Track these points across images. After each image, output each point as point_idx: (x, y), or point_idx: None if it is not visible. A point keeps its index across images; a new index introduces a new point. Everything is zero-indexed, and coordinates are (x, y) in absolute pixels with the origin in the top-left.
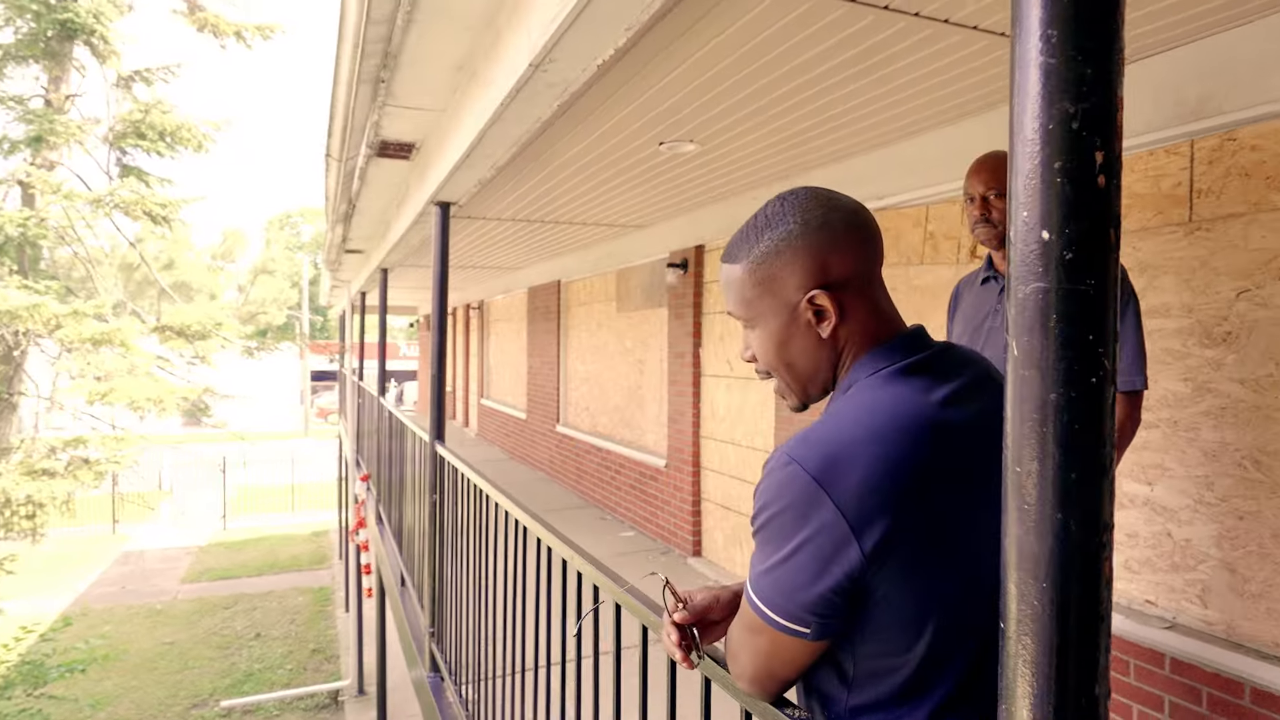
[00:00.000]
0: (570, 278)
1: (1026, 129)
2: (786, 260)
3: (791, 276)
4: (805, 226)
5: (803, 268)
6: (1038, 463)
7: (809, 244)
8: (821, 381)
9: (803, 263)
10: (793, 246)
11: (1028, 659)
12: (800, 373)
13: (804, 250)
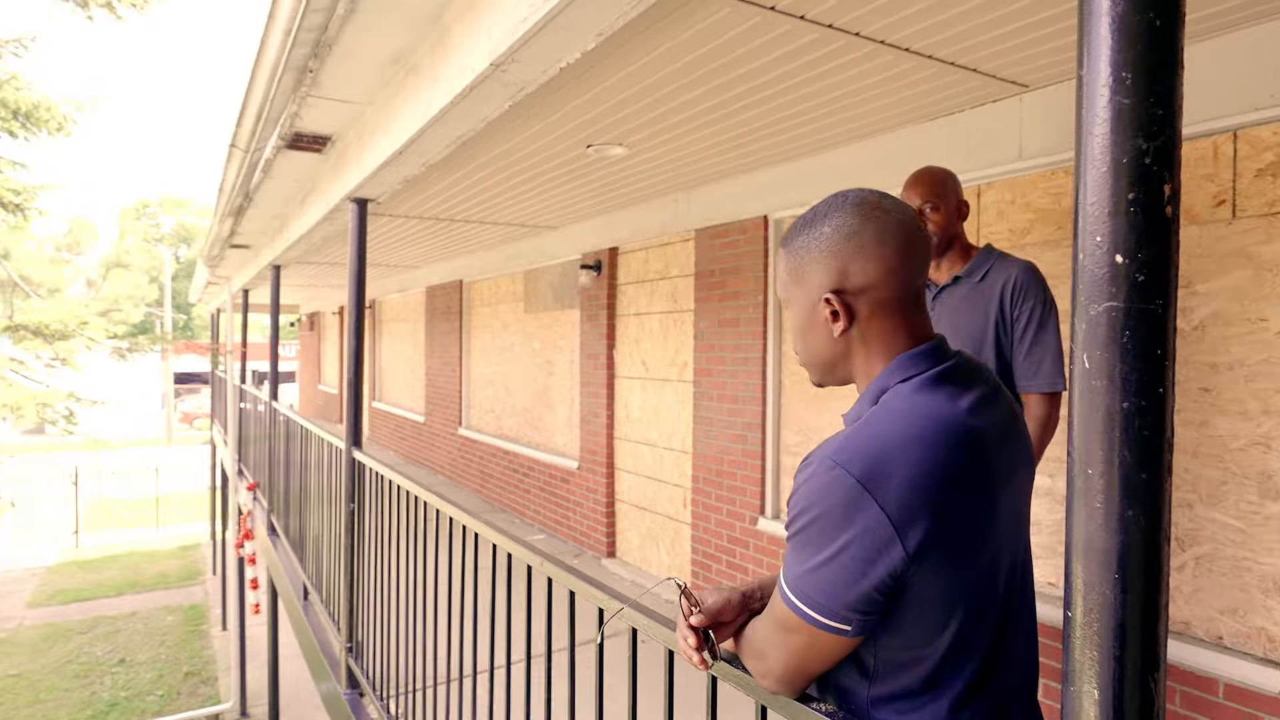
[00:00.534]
0: (474, 277)
1: (1098, 162)
2: (814, 259)
3: (815, 275)
4: (836, 232)
5: (824, 269)
6: (1107, 465)
7: (835, 249)
8: (838, 374)
9: (825, 264)
10: (820, 248)
11: (1096, 643)
12: (814, 359)
13: (829, 254)
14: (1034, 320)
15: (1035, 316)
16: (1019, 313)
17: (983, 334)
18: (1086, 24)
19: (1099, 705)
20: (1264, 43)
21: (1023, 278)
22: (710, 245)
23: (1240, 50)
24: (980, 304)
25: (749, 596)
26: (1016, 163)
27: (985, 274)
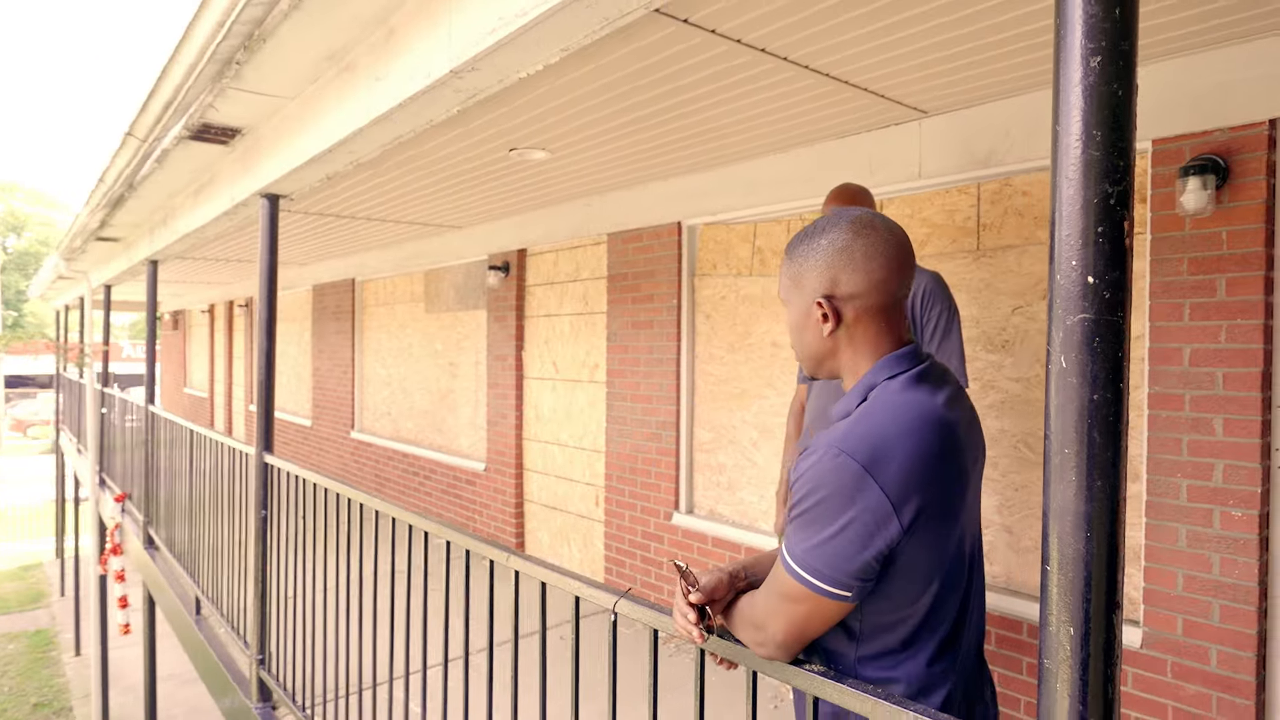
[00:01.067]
0: (369, 276)
1: (1072, 202)
2: (811, 266)
3: (811, 280)
4: (831, 245)
5: (819, 276)
6: (1079, 445)
7: (829, 260)
8: (826, 369)
9: (820, 272)
10: (817, 257)
11: (1069, 588)
12: (807, 355)
13: (824, 263)
14: (941, 324)
15: (942, 321)
16: (928, 317)
17: None
18: (1062, 90)
19: (1072, 638)
20: None
21: (931, 285)
22: (623, 249)
23: None
24: None
25: (735, 576)
26: (916, 181)
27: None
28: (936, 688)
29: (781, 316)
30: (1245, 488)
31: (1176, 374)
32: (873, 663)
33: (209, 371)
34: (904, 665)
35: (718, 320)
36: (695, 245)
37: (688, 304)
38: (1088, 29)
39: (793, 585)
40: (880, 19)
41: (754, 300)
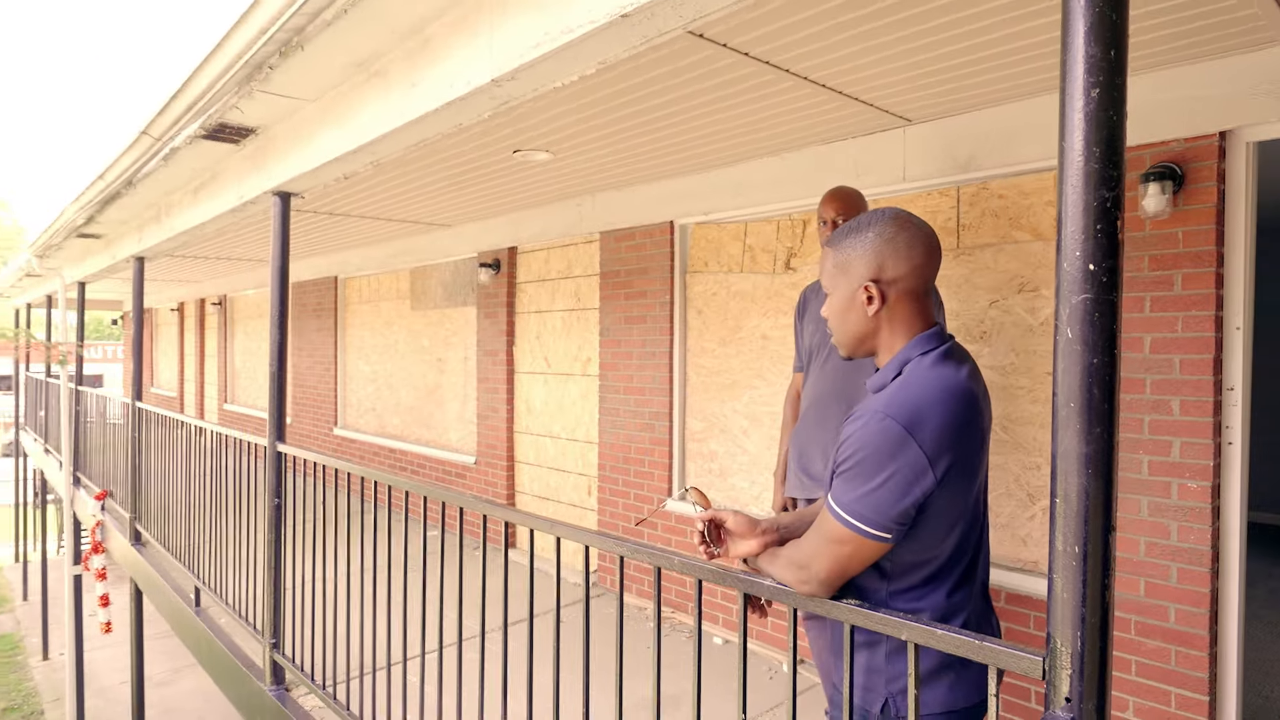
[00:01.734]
0: (352, 273)
1: (1076, 204)
2: (859, 255)
3: (859, 267)
4: (878, 237)
5: (867, 263)
6: (1082, 399)
7: (877, 249)
8: (866, 347)
9: (868, 260)
10: (865, 247)
11: (1073, 515)
12: (850, 335)
13: (872, 252)
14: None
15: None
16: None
17: None
18: (1068, 115)
19: (1076, 555)
20: None
21: None
22: (615, 247)
23: None
24: None
25: (756, 521)
26: (900, 184)
27: None
28: (956, 614)
29: (770, 312)
30: (1200, 462)
31: (1139, 360)
32: (902, 596)
33: (178, 370)
34: (929, 597)
35: (709, 315)
36: (687, 243)
37: (680, 300)
38: (1089, 67)
39: (840, 530)
40: (874, 37)
41: (744, 296)
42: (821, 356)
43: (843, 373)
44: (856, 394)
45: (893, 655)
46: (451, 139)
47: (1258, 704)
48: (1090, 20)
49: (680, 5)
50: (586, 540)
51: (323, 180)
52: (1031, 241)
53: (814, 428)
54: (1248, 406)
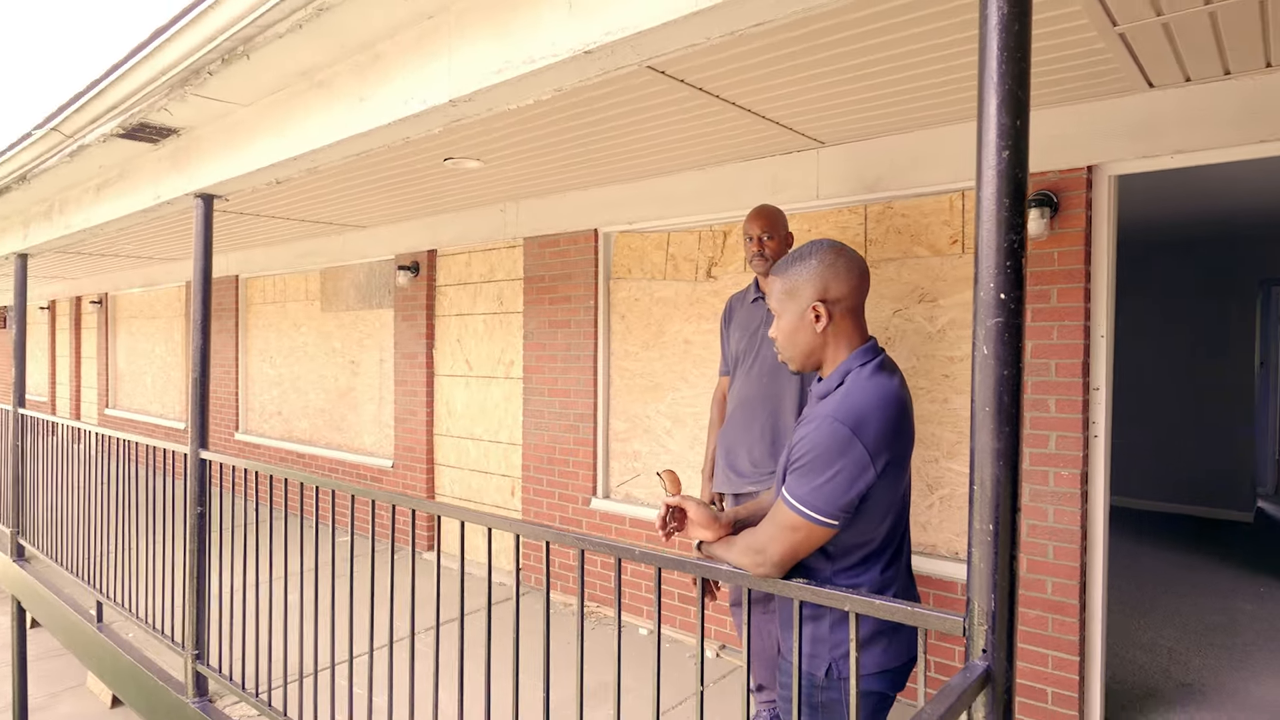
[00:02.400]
0: (255, 273)
1: (992, 245)
2: (806, 279)
3: (806, 290)
4: (820, 263)
5: (813, 286)
6: (995, 404)
7: (819, 273)
8: (813, 361)
9: (813, 283)
10: (810, 272)
11: (988, 500)
12: (799, 352)
13: (816, 276)
14: None
15: None
16: None
17: None
18: (984, 171)
19: (990, 532)
20: None
21: None
22: (540, 253)
23: (969, 136)
24: None
25: (728, 522)
26: (814, 201)
27: None
28: (888, 588)
29: (692, 318)
30: (1071, 453)
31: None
32: (843, 574)
33: (49, 373)
34: (866, 574)
35: (632, 320)
36: (611, 251)
37: (604, 305)
38: (1000, 133)
39: (794, 518)
40: (797, 71)
41: (667, 302)
42: (748, 362)
43: (768, 378)
44: (781, 398)
45: (835, 626)
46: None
47: (1116, 665)
48: (1001, 96)
49: (639, 46)
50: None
51: (253, 184)
52: (930, 257)
53: (741, 429)
54: (1110, 404)
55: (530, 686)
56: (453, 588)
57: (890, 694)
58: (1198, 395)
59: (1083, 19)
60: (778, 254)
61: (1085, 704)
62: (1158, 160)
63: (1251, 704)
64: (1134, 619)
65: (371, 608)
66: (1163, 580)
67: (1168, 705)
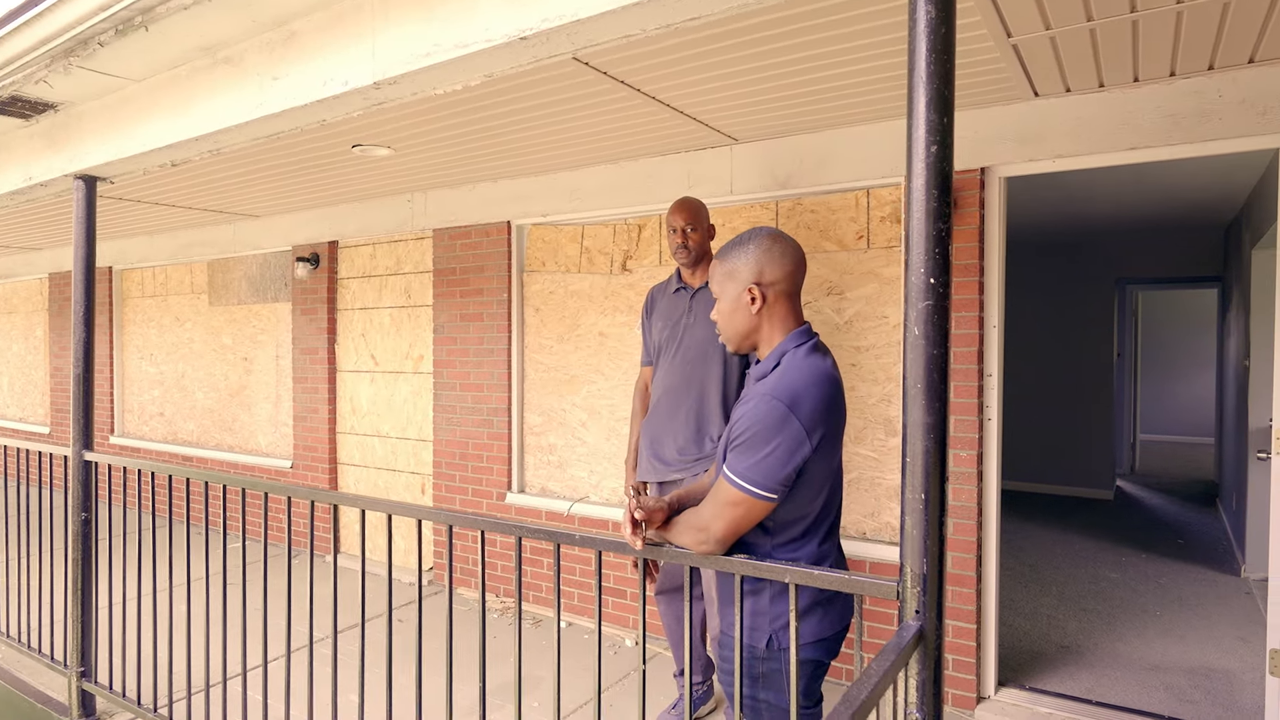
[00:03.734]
0: (132, 264)
1: (920, 233)
2: (744, 263)
3: (744, 272)
4: (758, 248)
5: (750, 269)
6: (925, 381)
7: (756, 258)
8: (750, 342)
9: (751, 266)
10: (748, 256)
11: (919, 470)
12: (736, 333)
13: (753, 260)
14: None
15: None
16: None
17: None
18: (914, 164)
19: (921, 501)
20: (887, 135)
21: None
22: (450, 245)
23: (875, 137)
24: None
25: (672, 504)
26: (728, 196)
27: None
28: (825, 559)
29: (607, 310)
30: (968, 434)
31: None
32: (782, 548)
33: None
34: (804, 548)
35: (547, 313)
36: (524, 244)
37: (518, 298)
38: (929, 129)
39: (734, 494)
40: (716, 68)
41: (582, 295)
42: (671, 351)
43: (692, 367)
44: (706, 386)
45: (775, 598)
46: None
47: (1004, 631)
48: (930, 95)
49: (575, 35)
50: (421, 515)
51: (145, 166)
52: (838, 252)
53: (665, 418)
54: (1001, 390)
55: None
56: (358, 589)
57: (826, 661)
58: (1064, 385)
59: (982, 29)
60: (700, 245)
61: (982, 669)
62: (1041, 164)
63: (1120, 662)
64: (1017, 589)
65: (284, 612)
66: (1039, 554)
67: (1050, 666)
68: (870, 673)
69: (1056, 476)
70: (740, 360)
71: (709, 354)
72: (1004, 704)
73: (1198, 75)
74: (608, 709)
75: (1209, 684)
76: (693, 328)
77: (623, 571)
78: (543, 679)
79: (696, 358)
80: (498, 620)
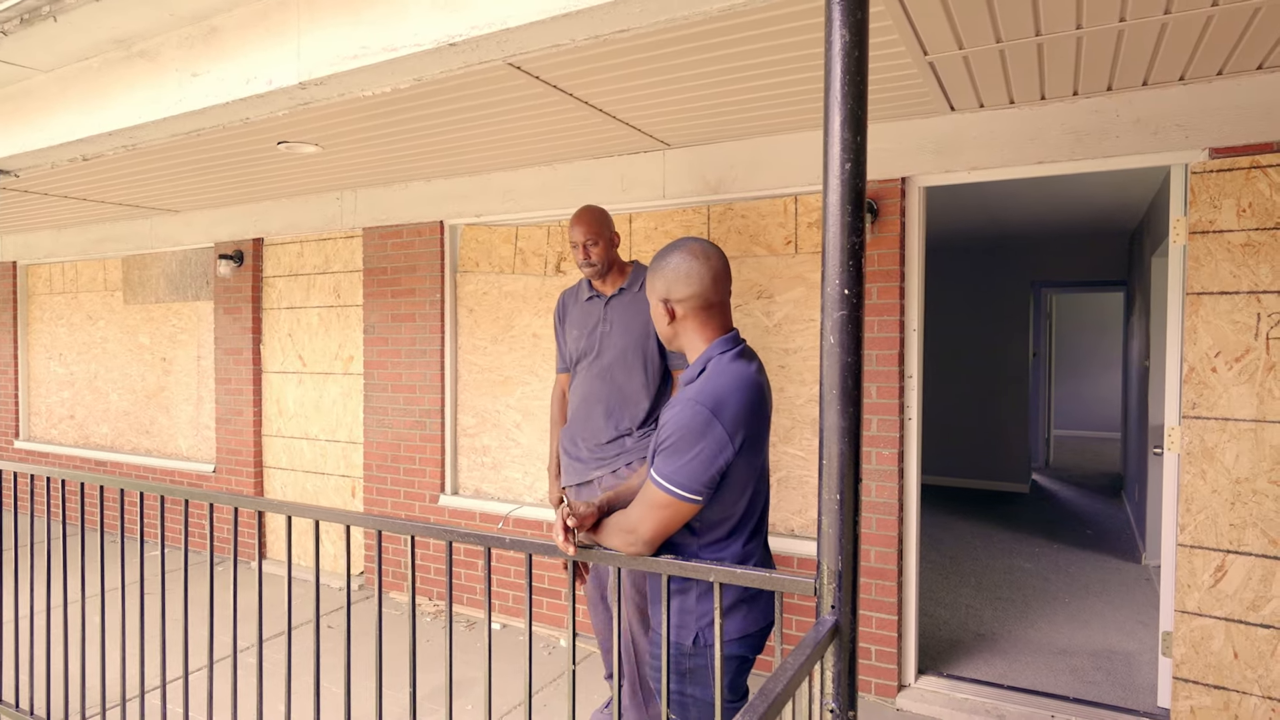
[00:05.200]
0: (38, 259)
1: (837, 246)
2: (658, 278)
3: (658, 287)
4: (668, 265)
5: (662, 286)
6: (840, 387)
7: (665, 277)
8: (675, 346)
9: (663, 283)
10: (663, 272)
11: (834, 472)
12: (662, 336)
13: (663, 279)
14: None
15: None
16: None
17: (645, 328)
18: (830, 181)
19: (837, 501)
20: (814, 143)
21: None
22: (381, 244)
23: (802, 145)
24: (640, 309)
25: (601, 507)
26: (660, 200)
27: (641, 285)
28: (749, 559)
29: (541, 311)
30: (889, 434)
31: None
32: (708, 548)
33: None
34: (729, 548)
35: (480, 314)
36: (457, 243)
37: (451, 298)
38: (843, 147)
39: (661, 496)
40: (652, 76)
41: (516, 296)
42: (589, 360)
43: (611, 375)
44: (626, 393)
45: (701, 597)
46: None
47: (924, 621)
48: (844, 115)
49: (504, 43)
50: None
51: (53, 160)
52: (767, 256)
53: (582, 423)
54: (920, 391)
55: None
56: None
57: (751, 656)
58: (982, 383)
59: (900, 47)
60: (605, 256)
61: (903, 658)
62: (957, 175)
63: (1031, 648)
64: (937, 580)
65: (206, 622)
66: (958, 546)
67: (968, 653)
68: (786, 666)
69: (975, 471)
70: (665, 365)
71: (630, 363)
72: (924, 691)
73: (1098, 95)
74: (541, 709)
75: (1110, 665)
76: (610, 336)
77: (557, 571)
78: (476, 681)
79: (617, 366)
80: (431, 624)
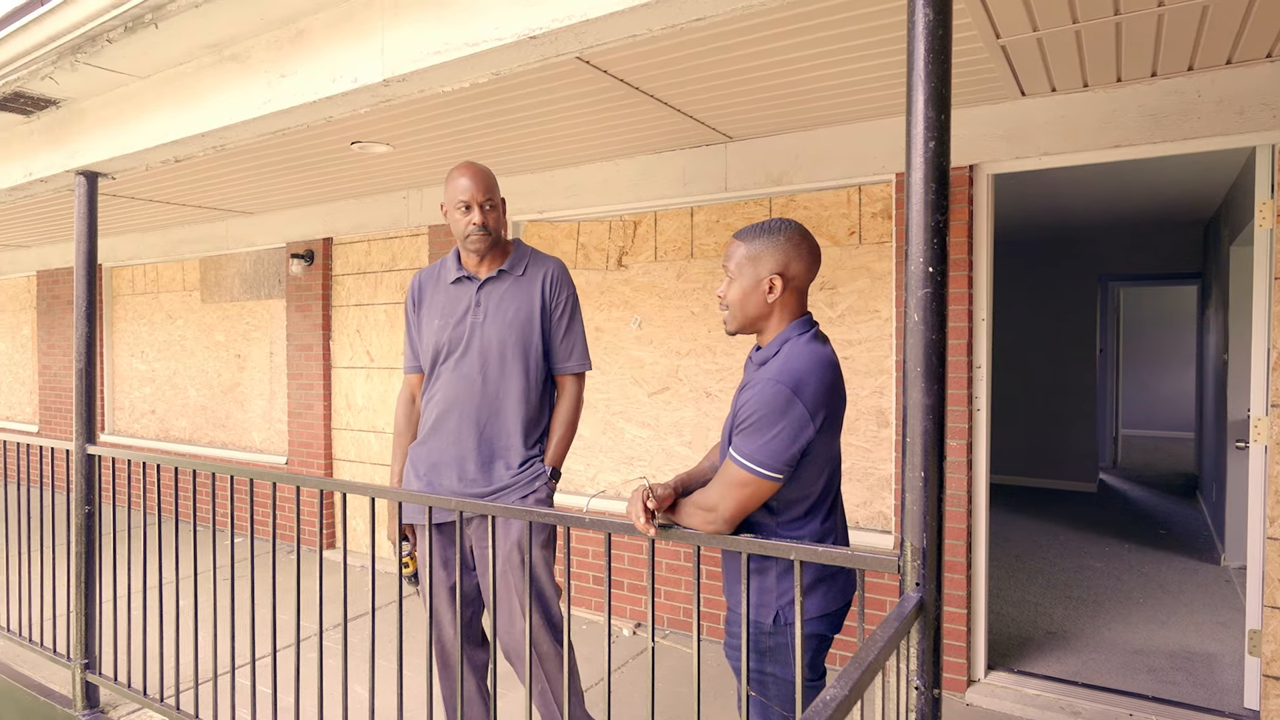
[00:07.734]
0: (122, 262)
1: (921, 224)
2: (770, 252)
3: (768, 261)
4: (788, 241)
5: (775, 259)
6: (924, 365)
7: (785, 249)
8: (754, 327)
9: (776, 257)
10: (776, 246)
11: (918, 451)
12: (746, 315)
13: (781, 252)
14: (567, 310)
15: (568, 307)
16: (556, 302)
17: (529, 319)
18: (912, 159)
19: (920, 479)
20: (879, 132)
21: (558, 272)
22: (446, 242)
23: (867, 135)
24: (525, 294)
25: (678, 489)
26: (722, 193)
27: (525, 268)
28: (828, 537)
29: (603, 306)
30: (958, 425)
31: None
32: (787, 527)
33: None
34: (808, 526)
35: None
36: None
37: None
38: (927, 125)
39: (742, 475)
40: (717, 68)
41: (578, 290)
42: (456, 356)
43: (484, 375)
44: (503, 400)
45: (781, 576)
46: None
47: (993, 619)
48: (928, 93)
49: (583, 35)
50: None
51: (147, 162)
52: (830, 247)
53: (449, 440)
54: (990, 382)
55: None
56: (367, 583)
57: (830, 635)
58: (1047, 380)
59: (972, 30)
60: (499, 224)
61: (972, 652)
62: (1028, 161)
63: (1105, 646)
64: (1005, 578)
65: (290, 607)
66: (1025, 544)
67: (1038, 651)
68: (875, 638)
69: (1040, 470)
70: (546, 370)
71: (508, 360)
72: (994, 686)
73: (1178, 75)
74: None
75: (1190, 666)
76: (482, 326)
77: (619, 564)
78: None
79: (491, 364)
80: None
